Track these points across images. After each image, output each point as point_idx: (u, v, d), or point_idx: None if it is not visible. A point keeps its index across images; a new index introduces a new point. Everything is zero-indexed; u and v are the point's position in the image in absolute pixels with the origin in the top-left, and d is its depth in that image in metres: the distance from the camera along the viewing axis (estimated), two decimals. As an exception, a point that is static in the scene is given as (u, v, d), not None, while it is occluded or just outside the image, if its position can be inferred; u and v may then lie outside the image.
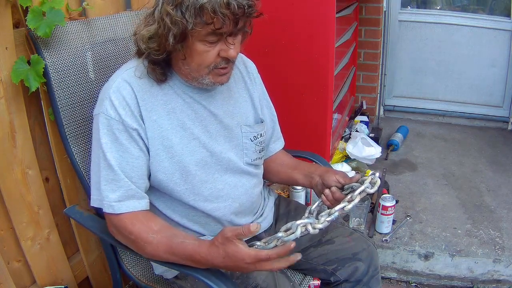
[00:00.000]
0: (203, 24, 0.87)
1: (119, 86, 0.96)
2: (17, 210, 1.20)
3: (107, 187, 0.94)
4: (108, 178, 0.94)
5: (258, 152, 1.14)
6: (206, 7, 0.84)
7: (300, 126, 1.92)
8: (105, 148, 0.94)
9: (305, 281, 1.22)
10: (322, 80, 1.83)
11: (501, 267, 1.76)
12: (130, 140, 0.95)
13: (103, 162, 0.95)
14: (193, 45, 0.91)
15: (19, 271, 1.25)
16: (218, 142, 1.06)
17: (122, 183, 0.95)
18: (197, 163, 1.02)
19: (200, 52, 0.92)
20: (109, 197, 0.94)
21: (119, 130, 0.94)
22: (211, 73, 0.96)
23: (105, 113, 0.94)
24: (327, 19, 1.74)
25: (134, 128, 0.95)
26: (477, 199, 2.17)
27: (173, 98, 1.01)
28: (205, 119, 1.04)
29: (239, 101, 1.13)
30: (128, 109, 0.95)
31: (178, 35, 0.88)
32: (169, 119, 1.00)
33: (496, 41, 2.90)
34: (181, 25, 0.87)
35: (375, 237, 1.89)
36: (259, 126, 1.15)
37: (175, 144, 1.00)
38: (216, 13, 0.85)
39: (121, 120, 0.94)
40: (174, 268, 0.98)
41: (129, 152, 0.95)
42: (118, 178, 0.94)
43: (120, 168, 0.94)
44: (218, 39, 0.92)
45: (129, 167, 0.95)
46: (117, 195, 0.94)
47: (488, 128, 3.07)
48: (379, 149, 2.48)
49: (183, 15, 0.86)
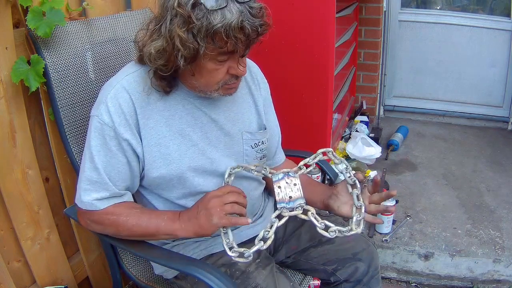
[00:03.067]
0: (215, 47, 0.85)
1: (117, 93, 0.95)
2: (17, 210, 1.20)
3: (90, 187, 0.96)
4: (92, 180, 0.96)
5: (259, 159, 1.13)
6: (219, 31, 0.81)
7: (300, 126, 1.92)
8: (93, 151, 0.95)
9: (305, 281, 1.22)
10: (322, 80, 1.83)
11: (501, 267, 1.76)
12: (118, 147, 0.95)
13: (89, 164, 0.96)
14: (203, 64, 0.89)
15: (19, 271, 1.25)
16: (218, 148, 1.05)
17: (106, 186, 0.96)
18: (196, 169, 1.02)
19: (209, 70, 0.91)
20: (92, 196, 0.96)
21: (110, 137, 0.94)
22: (220, 89, 0.96)
23: (99, 117, 0.94)
24: (327, 19, 1.74)
25: (125, 138, 0.95)
26: (477, 199, 2.17)
27: (173, 105, 1.00)
28: (205, 126, 1.03)
29: (242, 106, 1.11)
30: (123, 117, 0.94)
31: (189, 57, 0.86)
32: (168, 126, 0.99)
33: (496, 41, 2.90)
34: (192, 48, 0.84)
35: (375, 237, 1.89)
36: (261, 134, 1.13)
37: (172, 151, 0.99)
38: (229, 37, 0.82)
39: (113, 127, 0.94)
40: (174, 267, 0.98)
41: (116, 158, 0.96)
42: (102, 181, 0.95)
43: (106, 172, 0.95)
44: (228, 58, 0.90)
45: (114, 172, 0.96)
46: (100, 195, 0.96)
47: (488, 128, 3.07)
48: (379, 149, 2.48)
49: (194, 38, 0.83)
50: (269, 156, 1.21)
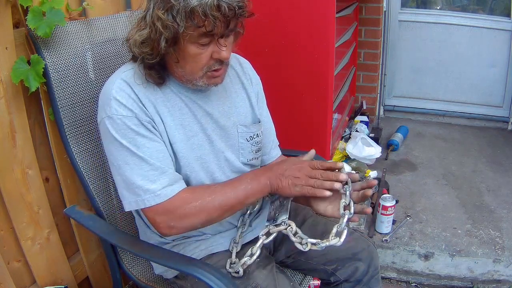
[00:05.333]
0: (194, 27, 0.87)
1: (120, 86, 0.95)
2: (17, 210, 1.20)
3: (145, 181, 0.93)
4: (142, 173, 0.93)
5: (254, 152, 1.14)
6: (196, 10, 0.84)
7: (300, 126, 1.92)
8: (130, 147, 0.93)
9: (305, 281, 1.22)
10: (322, 80, 1.83)
11: (501, 267, 1.76)
12: (148, 131, 0.95)
13: (132, 161, 0.93)
14: (185, 48, 0.91)
15: (19, 271, 1.25)
16: (215, 141, 1.06)
17: (160, 170, 0.94)
18: (198, 159, 1.03)
19: (192, 54, 0.92)
20: (151, 189, 0.93)
21: (136, 125, 0.94)
22: (205, 76, 0.96)
23: (115, 114, 0.93)
24: (327, 19, 1.74)
25: (148, 121, 0.95)
26: (477, 199, 2.17)
27: (172, 97, 1.01)
28: (202, 119, 1.04)
29: (236, 101, 1.12)
30: (136, 105, 0.95)
31: (170, 38, 0.88)
32: (171, 116, 1.00)
33: (496, 41, 2.90)
34: (172, 28, 0.86)
35: (375, 237, 1.89)
36: (256, 126, 1.15)
37: (178, 141, 1.00)
38: (206, 16, 0.84)
39: (134, 115, 0.94)
40: (174, 267, 0.98)
41: (153, 142, 0.95)
42: (154, 168, 0.93)
43: (153, 158, 0.94)
44: (210, 41, 0.91)
45: (160, 155, 0.95)
46: (160, 184, 0.93)
47: (488, 128, 3.07)
48: (379, 149, 2.48)
49: (174, 19, 0.86)
50: (264, 151, 1.22)
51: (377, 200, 1.95)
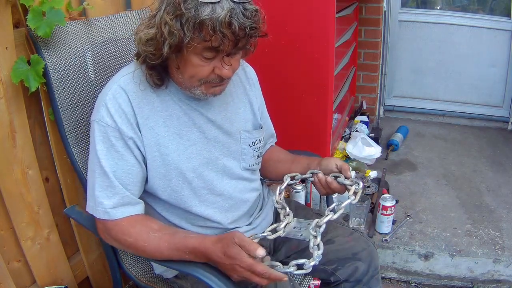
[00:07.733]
0: (200, 40, 0.85)
1: (115, 94, 0.95)
2: (17, 210, 1.20)
3: (102, 193, 0.95)
4: (103, 185, 0.95)
5: (256, 157, 1.14)
6: (206, 23, 0.82)
7: (300, 126, 1.92)
8: (100, 155, 0.94)
9: (305, 281, 1.22)
10: (322, 80, 1.83)
11: (501, 267, 1.76)
12: (125, 147, 0.95)
13: (98, 169, 0.95)
14: (188, 57, 0.89)
15: (19, 271, 1.25)
16: (216, 148, 1.05)
17: (117, 190, 0.95)
18: (194, 169, 1.02)
19: (194, 65, 0.90)
20: (104, 204, 0.94)
21: (115, 138, 0.94)
22: (203, 85, 0.95)
23: (101, 120, 0.94)
24: (327, 19, 1.74)
25: (129, 137, 0.95)
26: (477, 199, 2.17)
27: (170, 105, 1.00)
28: (203, 126, 1.03)
29: (238, 106, 1.12)
30: (124, 116, 0.94)
31: (173, 45, 0.86)
32: (166, 126, 0.99)
33: (496, 41, 2.90)
34: (178, 37, 0.84)
35: (375, 237, 1.89)
36: (258, 132, 1.14)
37: (171, 152, 0.99)
38: (215, 31, 0.82)
39: (117, 128, 0.94)
40: (174, 267, 0.98)
41: (125, 160, 0.95)
42: (113, 185, 0.95)
43: (115, 176, 0.94)
44: (214, 56, 0.90)
45: (124, 175, 0.95)
46: (113, 202, 0.95)
47: (488, 128, 3.07)
48: (379, 149, 2.48)
49: (181, 27, 0.84)
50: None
51: (377, 200, 1.95)
